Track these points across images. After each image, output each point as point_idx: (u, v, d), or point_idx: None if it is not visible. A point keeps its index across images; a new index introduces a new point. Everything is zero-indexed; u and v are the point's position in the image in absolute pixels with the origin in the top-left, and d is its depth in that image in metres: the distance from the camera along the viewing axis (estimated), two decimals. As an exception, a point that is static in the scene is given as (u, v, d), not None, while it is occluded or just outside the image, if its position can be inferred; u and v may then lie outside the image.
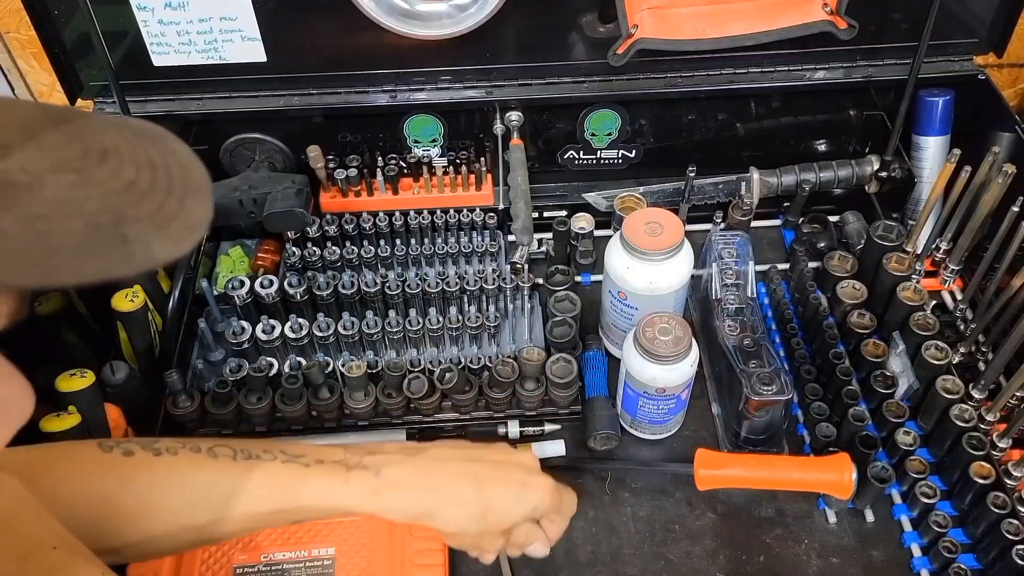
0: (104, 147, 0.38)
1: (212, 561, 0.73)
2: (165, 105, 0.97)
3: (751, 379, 0.76)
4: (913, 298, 0.85)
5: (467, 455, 0.69)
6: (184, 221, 0.40)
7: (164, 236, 0.39)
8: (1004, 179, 0.81)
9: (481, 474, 0.67)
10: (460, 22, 0.90)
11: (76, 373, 0.77)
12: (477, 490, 0.66)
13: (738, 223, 0.98)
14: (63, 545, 0.52)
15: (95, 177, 0.37)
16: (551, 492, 0.70)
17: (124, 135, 0.40)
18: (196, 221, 0.41)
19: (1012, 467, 0.75)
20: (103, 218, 0.36)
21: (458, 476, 0.67)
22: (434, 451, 0.69)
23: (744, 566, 0.76)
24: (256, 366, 0.83)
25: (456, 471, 0.67)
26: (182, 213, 0.40)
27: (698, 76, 0.98)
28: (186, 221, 0.40)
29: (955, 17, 0.97)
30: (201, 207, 0.41)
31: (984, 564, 0.74)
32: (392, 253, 0.94)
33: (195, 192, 0.41)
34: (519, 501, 0.68)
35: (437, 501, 0.66)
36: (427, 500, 0.66)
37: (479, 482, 0.67)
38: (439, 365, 0.83)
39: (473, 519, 0.67)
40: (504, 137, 1.00)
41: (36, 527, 0.52)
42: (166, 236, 0.39)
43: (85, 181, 0.37)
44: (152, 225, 0.38)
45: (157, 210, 0.39)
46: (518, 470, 0.69)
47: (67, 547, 0.52)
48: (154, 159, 0.40)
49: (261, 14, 0.90)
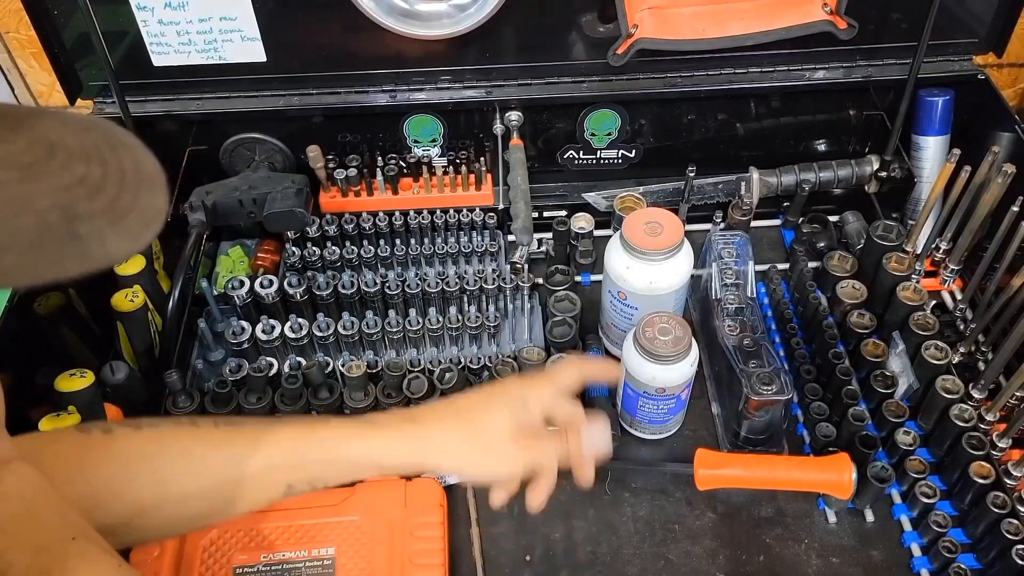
0: (51, 141, 0.37)
1: (212, 561, 0.73)
2: (165, 105, 0.97)
3: (751, 379, 0.76)
4: (913, 298, 0.85)
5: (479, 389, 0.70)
6: (140, 215, 0.39)
7: (119, 232, 0.38)
8: (1004, 179, 0.81)
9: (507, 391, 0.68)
10: (460, 22, 0.90)
11: (76, 373, 0.77)
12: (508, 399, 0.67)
13: (738, 223, 0.98)
14: (81, 535, 0.52)
15: (44, 173, 0.36)
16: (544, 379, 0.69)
17: (71, 129, 0.39)
18: (152, 214, 0.40)
19: (1012, 467, 0.75)
20: (54, 215, 0.35)
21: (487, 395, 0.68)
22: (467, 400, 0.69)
23: (744, 566, 0.76)
24: (256, 366, 0.83)
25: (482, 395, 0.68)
26: (137, 207, 0.39)
27: (698, 76, 0.98)
28: (142, 215, 0.39)
29: (955, 17, 0.97)
30: (156, 200, 0.40)
31: (984, 564, 0.74)
32: (392, 253, 0.94)
33: (149, 185, 0.40)
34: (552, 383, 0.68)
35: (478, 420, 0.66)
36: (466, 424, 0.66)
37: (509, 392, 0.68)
38: (439, 365, 0.83)
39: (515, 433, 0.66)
40: (504, 137, 1.00)
41: (55, 517, 0.52)
42: (121, 232, 0.38)
43: (33, 177, 0.36)
44: (106, 221, 0.37)
45: (110, 205, 0.38)
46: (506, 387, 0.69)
47: (85, 537, 0.52)
48: (104, 153, 0.39)
49: (261, 14, 0.90)
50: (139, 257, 0.89)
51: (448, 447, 0.66)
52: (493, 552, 0.77)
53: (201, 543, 0.74)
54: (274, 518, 0.75)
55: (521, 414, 0.67)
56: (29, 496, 0.52)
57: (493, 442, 0.66)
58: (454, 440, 0.66)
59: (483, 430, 0.66)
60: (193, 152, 1.01)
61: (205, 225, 0.91)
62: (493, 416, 0.67)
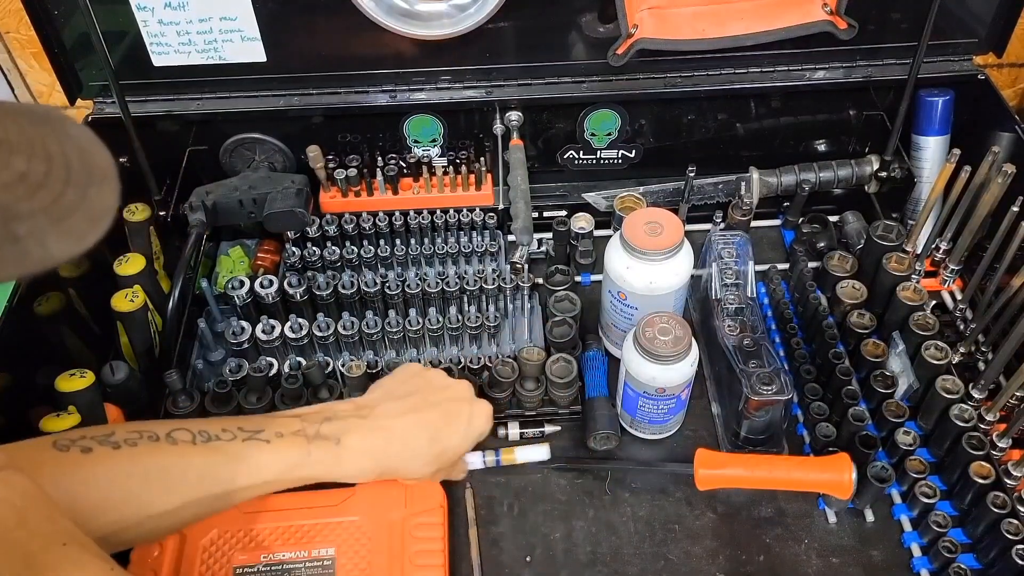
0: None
1: (212, 561, 0.73)
2: (165, 105, 0.97)
3: (751, 379, 0.76)
4: (913, 298, 0.85)
5: (413, 403, 0.73)
6: (86, 213, 0.37)
7: (62, 231, 0.36)
8: (1004, 179, 0.81)
9: (432, 422, 0.72)
10: (460, 22, 0.90)
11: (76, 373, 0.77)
12: (431, 439, 0.71)
13: (738, 223, 0.98)
14: (73, 541, 0.52)
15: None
16: (490, 415, 0.76)
17: (17, 123, 0.37)
18: (100, 211, 0.38)
19: (1012, 467, 0.75)
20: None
21: (412, 430, 0.71)
22: (384, 407, 0.72)
23: (744, 566, 0.76)
24: (256, 366, 0.83)
25: (408, 424, 0.71)
26: (84, 204, 0.37)
27: (698, 76, 0.98)
28: (88, 213, 0.37)
29: (955, 17, 0.97)
30: (106, 196, 0.39)
31: (984, 564, 0.74)
32: (392, 253, 0.94)
33: (99, 180, 0.39)
34: (468, 435, 0.74)
35: (396, 459, 0.70)
36: (385, 461, 0.70)
37: (432, 430, 0.71)
38: (439, 365, 0.83)
39: (430, 464, 0.72)
40: (504, 137, 1.00)
41: (46, 524, 0.52)
42: (64, 231, 0.36)
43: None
44: (48, 220, 0.36)
45: (53, 203, 0.36)
46: (461, 405, 0.74)
47: (77, 543, 0.52)
48: (50, 148, 0.37)
49: (261, 14, 0.90)
50: (139, 257, 0.89)
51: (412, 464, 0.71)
52: (493, 552, 0.77)
53: (201, 543, 0.74)
54: (274, 518, 0.75)
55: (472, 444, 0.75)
56: (19, 504, 0.52)
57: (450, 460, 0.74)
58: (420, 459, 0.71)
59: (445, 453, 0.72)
60: (193, 152, 1.01)
61: (205, 225, 0.91)
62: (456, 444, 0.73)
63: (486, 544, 0.77)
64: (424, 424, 0.71)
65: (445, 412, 0.73)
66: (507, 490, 0.81)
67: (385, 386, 0.76)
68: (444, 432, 0.72)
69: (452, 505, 0.79)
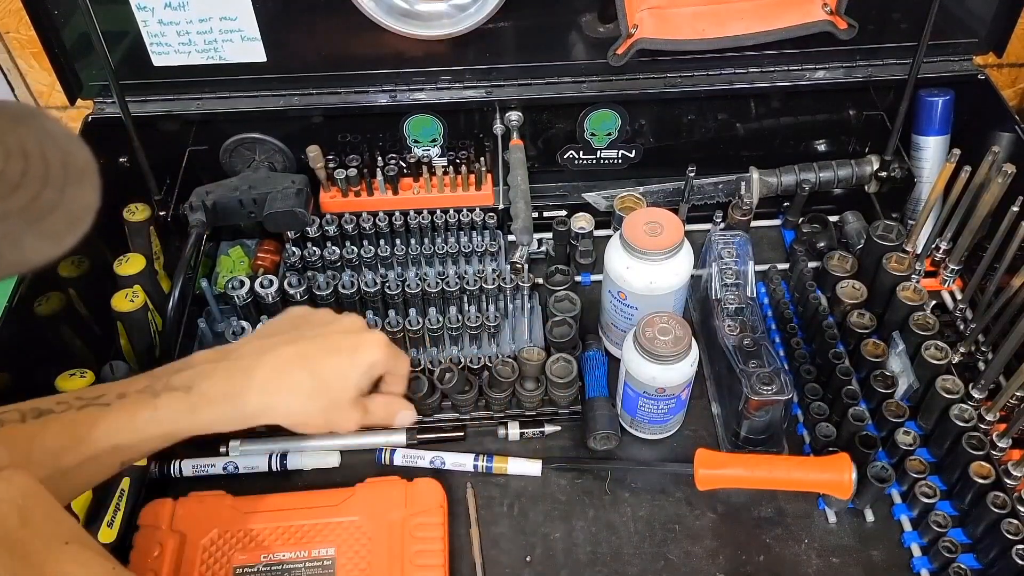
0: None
1: (212, 561, 0.73)
2: (165, 105, 0.97)
3: (751, 379, 0.76)
4: (913, 298, 0.85)
5: (286, 338, 0.67)
6: (65, 213, 0.36)
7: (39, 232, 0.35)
8: (1004, 179, 0.81)
9: (306, 352, 0.65)
10: (460, 22, 0.90)
11: (76, 373, 0.77)
12: (306, 370, 0.64)
13: (738, 223, 0.98)
14: (75, 540, 0.51)
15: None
16: (383, 346, 0.68)
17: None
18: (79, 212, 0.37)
19: (1012, 467, 0.75)
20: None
21: (282, 364, 0.64)
22: (249, 346, 0.66)
23: (744, 566, 0.76)
24: (256, 366, 0.83)
25: (278, 360, 0.65)
26: (62, 204, 0.36)
27: (698, 76, 0.98)
28: (67, 213, 0.36)
29: (955, 17, 0.97)
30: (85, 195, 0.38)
31: (984, 564, 0.74)
32: (392, 253, 0.94)
33: (77, 179, 0.37)
34: (353, 365, 0.66)
35: (264, 397, 0.64)
36: (252, 401, 0.64)
37: (306, 361, 0.65)
38: (439, 365, 0.83)
39: (312, 400, 0.65)
40: (504, 137, 1.00)
41: (49, 522, 0.51)
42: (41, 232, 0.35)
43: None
44: (23, 221, 0.35)
45: (30, 203, 0.35)
46: (344, 336, 0.67)
47: (79, 542, 0.51)
48: (27, 146, 0.36)
49: (261, 14, 0.90)
50: (139, 257, 0.89)
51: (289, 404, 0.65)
52: (493, 552, 0.77)
53: (201, 543, 0.74)
54: (274, 518, 0.75)
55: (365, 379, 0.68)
56: (21, 503, 0.51)
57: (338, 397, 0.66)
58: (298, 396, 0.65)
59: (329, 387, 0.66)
60: (193, 152, 1.01)
61: (205, 225, 0.91)
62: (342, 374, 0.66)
63: (486, 544, 0.77)
64: (297, 357, 0.65)
65: (325, 344, 0.66)
66: (507, 490, 0.81)
67: (258, 329, 0.70)
68: (323, 364, 0.65)
69: (452, 505, 0.79)
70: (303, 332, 0.68)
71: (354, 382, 0.67)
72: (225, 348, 0.68)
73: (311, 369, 0.65)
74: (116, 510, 0.76)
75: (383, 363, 0.69)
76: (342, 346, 0.67)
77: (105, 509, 0.75)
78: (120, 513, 0.76)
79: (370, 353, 0.68)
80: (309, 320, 0.70)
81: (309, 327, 0.69)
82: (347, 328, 0.69)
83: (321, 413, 0.66)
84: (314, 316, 0.71)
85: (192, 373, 0.64)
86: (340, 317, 0.71)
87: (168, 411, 0.62)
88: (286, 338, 0.67)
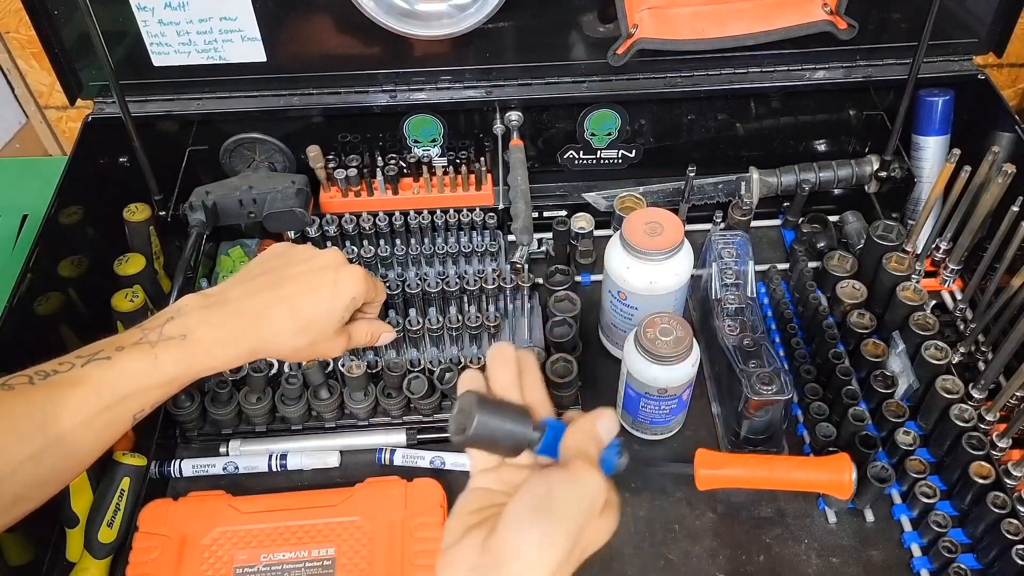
0: None
1: (213, 560, 0.73)
2: (165, 105, 0.97)
3: (751, 379, 0.76)
4: (913, 298, 0.85)
5: (268, 280, 0.70)
6: None
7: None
8: (1004, 179, 0.81)
9: (290, 295, 0.69)
10: (460, 22, 0.90)
11: (76, 373, 0.76)
12: (292, 312, 0.69)
13: (738, 223, 0.98)
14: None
15: None
16: (362, 279, 0.73)
17: None
18: None
19: (1012, 467, 0.75)
20: None
21: (267, 305, 0.68)
22: (235, 290, 0.70)
23: (744, 566, 0.76)
24: (256, 366, 0.83)
25: (263, 301, 0.68)
26: None
27: (698, 76, 0.98)
28: None
29: (955, 17, 0.97)
30: None
31: (984, 564, 0.74)
32: (392, 253, 0.94)
33: None
34: (335, 300, 0.71)
35: (255, 338, 0.68)
36: (244, 342, 0.67)
37: (291, 302, 0.69)
38: (439, 365, 0.83)
39: (299, 336, 0.69)
40: (504, 137, 1.00)
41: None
42: None
43: None
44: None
45: None
46: (324, 272, 0.71)
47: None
48: None
49: (261, 14, 0.90)
50: (139, 257, 0.89)
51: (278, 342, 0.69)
52: (493, 552, 0.77)
53: (201, 543, 0.74)
54: (274, 518, 0.75)
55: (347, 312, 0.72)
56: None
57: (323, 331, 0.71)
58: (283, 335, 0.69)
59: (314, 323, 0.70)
60: (193, 152, 1.01)
61: (205, 225, 0.91)
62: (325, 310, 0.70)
63: (486, 544, 0.77)
64: (280, 299, 0.69)
65: (305, 283, 0.70)
66: (507, 490, 0.81)
67: (240, 272, 0.73)
68: (305, 302, 0.69)
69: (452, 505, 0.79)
70: (284, 272, 0.71)
71: (337, 316, 0.71)
72: (210, 293, 0.70)
73: (296, 309, 0.69)
74: (116, 510, 0.76)
75: (363, 295, 0.73)
76: (323, 283, 0.71)
77: (105, 509, 0.75)
78: (120, 513, 0.76)
79: (350, 287, 0.72)
80: (289, 258, 0.73)
81: (289, 266, 0.72)
82: (326, 264, 0.72)
83: (309, 347, 0.71)
84: (294, 254, 0.74)
85: (184, 321, 0.66)
86: (319, 253, 0.74)
87: (168, 358, 0.64)
88: (269, 280, 0.70)
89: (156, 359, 0.64)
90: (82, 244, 0.94)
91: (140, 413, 0.65)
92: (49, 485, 0.62)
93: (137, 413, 0.64)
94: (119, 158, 1.00)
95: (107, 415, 0.62)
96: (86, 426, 0.61)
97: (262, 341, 0.68)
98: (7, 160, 1.29)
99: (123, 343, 0.64)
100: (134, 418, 0.65)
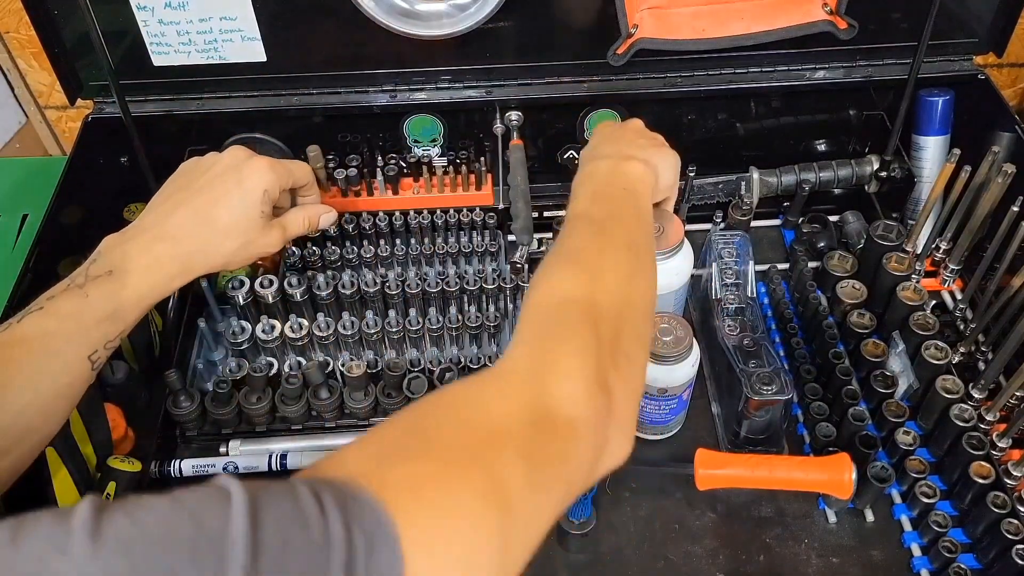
0: None
1: (212, 561, 0.73)
2: (165, 105, 0.97)
3: (751, 379, 0.76)
4: (913, 298, 0.85)
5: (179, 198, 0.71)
6: None
7: None
8: (1004, 179, 0.81)
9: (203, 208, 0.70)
10: (460, 22, 0.90)
11: (76, 373, 0.76)
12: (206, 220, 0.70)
13: (738, 223, 0.98)
14: None
15: None
16: (267, 169, 0.73)
17: None
18: None
19: (1012, 467, 0.75)
20: None
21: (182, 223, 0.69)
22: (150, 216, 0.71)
23: (744, 566, 0.76)
24: (256, 366, 0.83)
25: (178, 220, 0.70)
26: None
27: (698, 76, 0.98)
28: None
29: (955, 17, 0.97)
30: None
31: (984, 564, 0.74)
32: (392, 253, 0.94)
33: None
34: (245, 197, 0.71)
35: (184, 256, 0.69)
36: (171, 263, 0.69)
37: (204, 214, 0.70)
38: (439, 365, 0.83)
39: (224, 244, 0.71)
40: (504, 137, 1.00)
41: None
42: None
43: None
44: None
45: None
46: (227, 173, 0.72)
47: None
48: None
49: (261, 14, 0.90)
50: (139, 257, 0.89)
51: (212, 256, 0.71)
52: (493, 552, 0.77)
53: (201, 543, 0.74)
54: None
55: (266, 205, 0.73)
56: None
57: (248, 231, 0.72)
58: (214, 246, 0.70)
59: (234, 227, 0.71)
60: (193, 152, 1.01)
61: (205, 225, 0.91)
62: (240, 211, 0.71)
63: (486, 544, 0.77)
64: (194, 212, 0.70)
65: (212, 190, 0.71)
66: (507, 490, 0.81)
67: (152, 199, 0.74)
68: (217, 209, 0.70)
69: (452, 505, 0.79)
70: (192, 186, 0.72)
71: (256, 212, 0.72)
72: (127, 229, 0.71)
73: (211, 218, 0.70)
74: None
75: (275, 182, 0.73)
76: (228, 185, 0.71)
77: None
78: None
79: (256, 180, 0.72)
80: (193, 171, 0.74)
81: (195, 178, 0.73)
82: (228, 165, 0.73)
83: (239, 251, 0.72)
84: (196, 165, 0.75)
85: (107, 258, 0.67)
86: (220, 156, 0.74)
87: (98, 294, 0.65)
88: (180, 198, 0.71)
89: (87, 297, 0.64)
90: (82, 244, 0.94)
91: (95, 356, 0.64)
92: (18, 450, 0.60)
93: (92, 355, 0.64)
94: (119, 158, 1.00)
95: (58, 362, 0.62)
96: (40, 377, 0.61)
97: (190, 256, 0.69)
98: (7, 160, 1.29)
99: (52, 293, 0.65)
100: (91, 362, 0.64)
